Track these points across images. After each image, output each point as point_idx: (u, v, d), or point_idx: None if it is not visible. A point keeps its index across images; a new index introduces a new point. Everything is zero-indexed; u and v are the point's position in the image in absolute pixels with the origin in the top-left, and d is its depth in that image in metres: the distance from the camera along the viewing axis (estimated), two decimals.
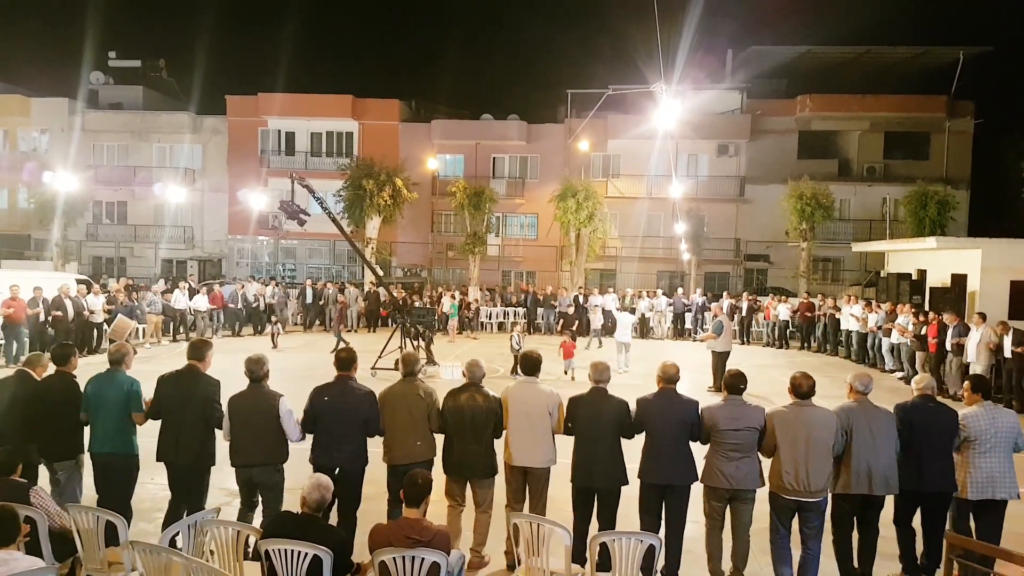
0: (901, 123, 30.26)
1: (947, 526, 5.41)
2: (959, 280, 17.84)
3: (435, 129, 32.19)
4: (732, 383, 5.37)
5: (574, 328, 17.43)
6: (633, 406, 5.43)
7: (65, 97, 33.14)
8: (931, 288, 19.25)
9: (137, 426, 5.50)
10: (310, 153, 32.76)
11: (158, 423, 5.46)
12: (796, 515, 5.16)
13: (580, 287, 24.93)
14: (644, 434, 5.38)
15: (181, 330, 19.13)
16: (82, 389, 5.59)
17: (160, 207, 32.49)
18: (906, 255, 22.02)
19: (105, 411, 5.42)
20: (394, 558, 3.86)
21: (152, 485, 5.71)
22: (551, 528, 4.41)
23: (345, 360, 5.59)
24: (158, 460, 5.40)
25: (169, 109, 34.91)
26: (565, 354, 13.72)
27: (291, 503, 5.22)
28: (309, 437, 5.45)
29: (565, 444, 5.53)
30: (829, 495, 5.21)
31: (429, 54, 64.49)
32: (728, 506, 5.26)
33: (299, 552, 3.84)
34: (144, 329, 17.88)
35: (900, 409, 5.43)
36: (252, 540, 4.35)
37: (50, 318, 14.97)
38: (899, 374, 15.51)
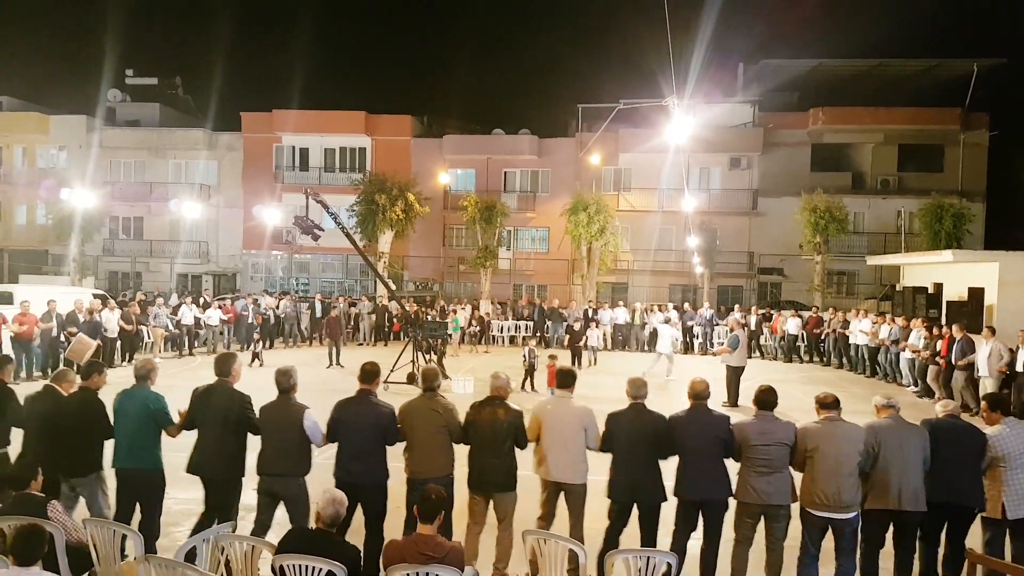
0: (915, 135, 30.09)
1: (980, 549, 5.30)
2: (976, 293, 17.66)
3: (447, 144, 32.38)
4: (764, 399, 5.39)
5: (581, 343, 17.13)
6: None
7: (83, 115, 33.69)
8: (948, 302, 19.05)
9: (161, 440, 5.52)
10: (324, 169, 33.06)
11: (192, 436, 5.50)
12: (828, 534, 5.13)
13: (591, 300, 24.85)
14: (678, 452, 5.37)
15: (196, 344, 19.24)
16: (109, 404, 5.61)
17: (176, 222, 32.86)
18: (922, 268, 21.84)
19: (126, 426, 5.46)
20: (407, 574, 3.86)
21: (168, 500, 5.73)
22: (565, 545, 4.39)
23: (368, 373, 5.60)
24: (189, 472, 5.43)
25: (185, 126, 35.34)
26: (550, 380, 11.92)
27: None
28: (332, 450, 5.47)
29: (595, 459, 5.54)
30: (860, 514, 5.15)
31: (441, 70, 65.13)
32: (761, 522, 5.23)
33: (314, 568, 3.84)
34: (151, 344, 18.01)
35: (926, 423, 5.45)
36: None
37: (65, 333, 15.09)
38: (912, 389, 15.32)
